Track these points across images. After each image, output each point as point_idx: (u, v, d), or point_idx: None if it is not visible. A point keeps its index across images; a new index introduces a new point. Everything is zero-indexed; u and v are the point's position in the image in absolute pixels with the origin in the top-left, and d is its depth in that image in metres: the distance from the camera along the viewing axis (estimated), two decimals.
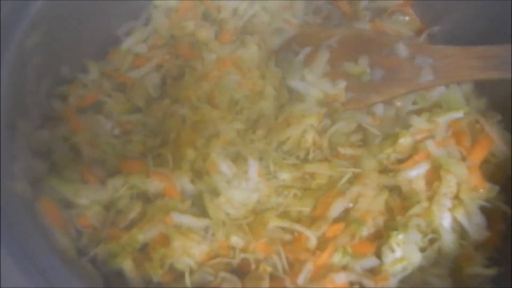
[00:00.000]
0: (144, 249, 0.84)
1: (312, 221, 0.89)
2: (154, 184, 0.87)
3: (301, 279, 0.80)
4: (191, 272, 0.82)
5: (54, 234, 0.74)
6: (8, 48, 0.79)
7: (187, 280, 0.80)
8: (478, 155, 0.92)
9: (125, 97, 1.00)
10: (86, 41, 1.01)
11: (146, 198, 0.88)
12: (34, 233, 0.67)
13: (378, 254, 0.85)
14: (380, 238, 0.86)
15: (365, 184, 0.90)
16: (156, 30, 1.09)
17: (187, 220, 0.83)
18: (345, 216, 0.89)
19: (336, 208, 0.88)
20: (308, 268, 0.81)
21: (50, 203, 0.78)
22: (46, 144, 0.87)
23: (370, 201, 0.89)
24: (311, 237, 0.85)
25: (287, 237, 0.87)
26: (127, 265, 0.82)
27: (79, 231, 0.84)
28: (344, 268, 0.82)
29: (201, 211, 0.87)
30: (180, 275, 0.82)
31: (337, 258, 0.83)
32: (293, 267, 0.83)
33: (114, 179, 0.88)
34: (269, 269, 0.81)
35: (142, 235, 0.82)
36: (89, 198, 0.85)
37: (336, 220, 0.88)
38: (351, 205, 0.89)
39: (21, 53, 0.81)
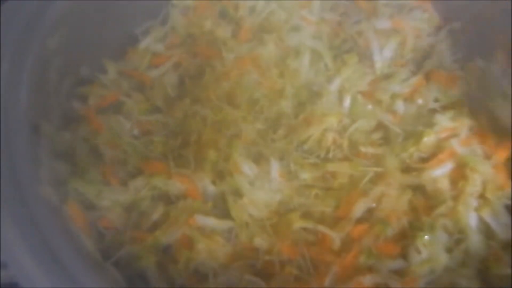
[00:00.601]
0: (167, 251, 0.83)
1: (335, 221, 0.88)
2: (176, 186, 0.87)
3: (327, 281, 0.79)
4: (215, 274, 0.81)
5: (80, 237, 0.74)
6: (31, 49, 0.78)
7: (211, 283, 0.80)
8: (503, 154, 0.91)
9: (144, 97, 0.99)
10: (104, 41, 1.00)
11: (167, 200, 0.87)
12: (62, 238, 0.66)
13: (403, 255, 0.84)
14: (404, 238, 0.85)
15: (388, 184, 0.89)
16: (174, 29, 1.08)
17: (211, 222, 0.83)
18: (368, 217, 0.87)
19: (359, 208, 0.87)
20: (334, 270, 0.80)
21: (76, 206, 0.77)
22: (68, 145, 0.87)
23: (394, 201, 0.88)
24: (335, 238, 0.84)
25: (311, 238, 0.86)
26: (150, 267, 0.81)
27: (101, 233, 0.83)
28: (370, 269, 0.81)
29: (223, 213, 0.86)
30: (203, 277, 0.82)
31: (363, 260, 0.82)
32: (318, 268, 0.82)
33: (135, 181, 0.87)
34: (294, 271, 0.80)
35: (165, 238, 0.82)
36: (110, 200, 0.85)
37: (359, 221, 0.87)
38: (374, 205, 0.88)
39: (44, 54, 0.80)
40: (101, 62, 0.99)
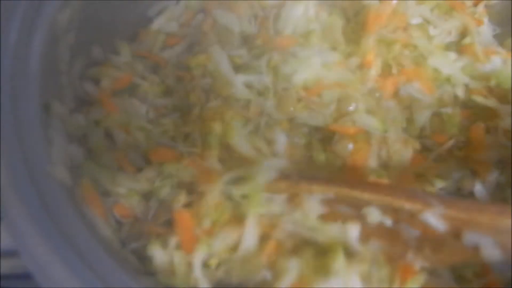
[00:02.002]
0: None
1: None
2: (187, 170, 0.81)
3: None
4: None
5: (96, 222, 0.68)
6: (41, 22, 0.73)
7: None
8: None
9: (159, 79, 0.93)
10: (117, 22, 0.96)
11: (190, 187, 0.81)
12: (76, 221, 0.61)
13: None
14: None
15: None
16: (188, 7, 1.02)
17: None
18: None
19: None
20: None
21: (91, 190, 0.72)
22: (81, 129, 0.81)
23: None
24: None
25: None
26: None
27: (119, 221, 0.78)
28: None
29: None
30: None
31: None
32: None
33: (146, 171, 0.81)
34: None
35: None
36: (126, 187, 0.79)
37: None
38: None
39: (54, 28, 0.75)
40: (113, 43, 0.94)
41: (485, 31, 1.00)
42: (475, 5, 1.02)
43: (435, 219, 0.67)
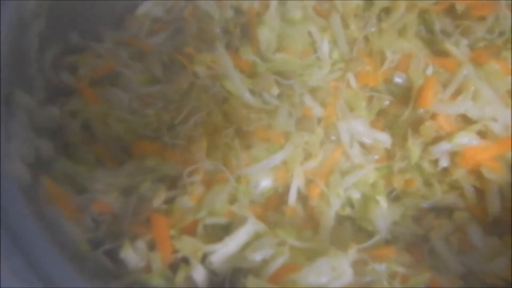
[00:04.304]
0: None
1: None
2: (170, 166, 0.75)
3: None
4: None
5: (60, 224, 0.63)
6: (5, 5, 0.67)
7: None
8: None
9: (144, 67, 0.87)
10: (100, 8, 0.89)
11: (171, 181, 0.75)
12: (33, 222, 0.55)
13: None
14: None
15: None
16: None
17: None
18: None
19: None
20: None
21: (57, 189, 0.66)
22: (55, 121, 0.76)
23: None
24: None
25: None
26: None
27: (96, 220, 0.72)
28: None
29: None
30: None
31: None
32: None
33: (127, 165, 0.76)
34: None
35: None
36: (104, 182, 0.74)
37: None
38: None
39: (21, 12, 0.69)
40: (94, 29, 0.88)
41: None
42: None
43: None
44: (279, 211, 0.74)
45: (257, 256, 0.64)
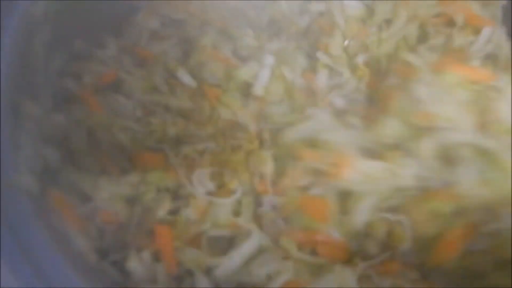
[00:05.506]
0: None
1: None
2: (174, 180, 0.75)
3: None
4: None
5: (67, 234, 0.63)
6: (12, 14, 0.67)
7: None
8: None
9: (147, 74, 0.87)
10: (103, 13, 0.89)
11: (175, 192, 0.75)
12: (42, 235, 0.56)
13: None
14: None
15: None
16: None
17: None
18: None
19: None
20: None
21: (63, 198, 0.66)
22: (60, 129, 0.76)
23: None
24: None
25: None
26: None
27: (101, 229, 0.72)
28: None
29: None
30: None
31: None
32: None
33: (129, 176, 0.76)
34: None
35: None
36: (109, 191, 0.74)
37: None
38: None
39: (27, 21, 0.69)
40: (98, 36, 0.88)
41: None
42: None
43: None
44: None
45: (262, 271, 0.65)
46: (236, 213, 0.72)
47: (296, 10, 0.93)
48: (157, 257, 0.67)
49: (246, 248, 0.66)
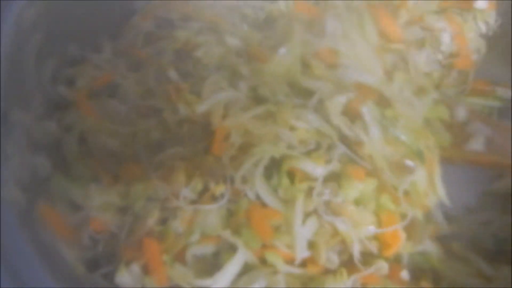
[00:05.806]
0: None
1: None
2: (158, 190, 0.73)
3: None
4: None
5: (54, 246, 0.62)
6: (2, 21, 0.66)
7: None
8: None
9: (142, 78, 0.86)
10: (99, 17, 0.88)
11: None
12: (28, 249, 0.55)
13: None
14: None
15: None
16: None
17: None
18: None
19: None
20: None
21: (51, 209, 0.65)
22: (52, 137, 0.75)
23: None
24: None
25: None
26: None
27: (91, 238, 0.72)
28: None
29: None
30: None
31: None
32: None
33: (116, 187, 0.74)
34: None
35: None
36: (100, 200, 0.73)
37: None
38: None
39: (18, 29, 0.69)
40: (93, 40, 0.87)
41: None
42: None
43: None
44: None
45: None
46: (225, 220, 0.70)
47: None
48: (146, 270, 0.66)
49: (231, 268, 0.65)
